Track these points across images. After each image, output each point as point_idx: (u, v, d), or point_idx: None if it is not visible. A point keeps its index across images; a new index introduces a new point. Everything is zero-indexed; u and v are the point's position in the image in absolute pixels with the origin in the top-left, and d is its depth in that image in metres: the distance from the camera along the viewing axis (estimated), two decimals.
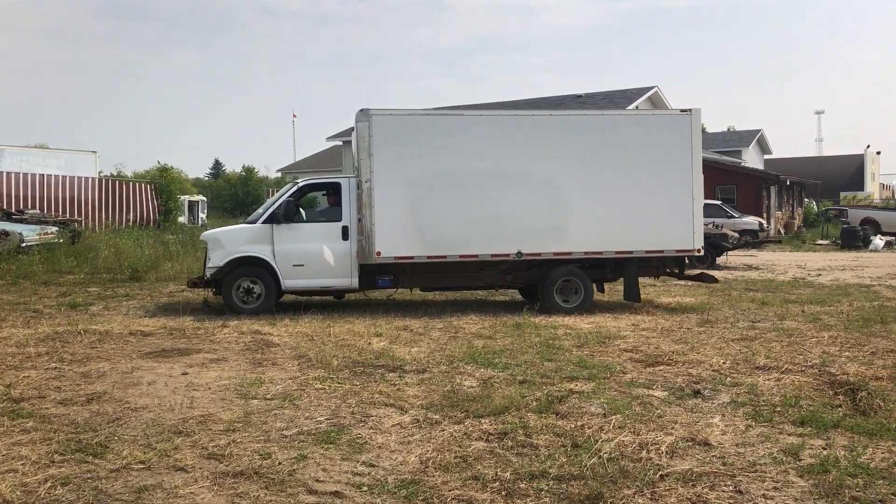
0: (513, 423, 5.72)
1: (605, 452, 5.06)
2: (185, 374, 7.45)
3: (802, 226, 39.91)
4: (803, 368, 7.61)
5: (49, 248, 18.78)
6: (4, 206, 25.61)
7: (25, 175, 28.69)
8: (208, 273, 11.53)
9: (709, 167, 37.26)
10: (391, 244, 11.36)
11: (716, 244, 20.68)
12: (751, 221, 28.93)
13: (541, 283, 11.90)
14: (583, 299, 11.86)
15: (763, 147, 58.18)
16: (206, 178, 74.36)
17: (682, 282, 13.88)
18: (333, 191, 11.90)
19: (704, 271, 13.63)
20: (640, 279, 12.64)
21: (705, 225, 23.74)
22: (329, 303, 12.62)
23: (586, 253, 11.86)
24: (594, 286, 12.47)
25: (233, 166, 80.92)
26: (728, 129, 69.25)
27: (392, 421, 5.87)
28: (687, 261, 12.98)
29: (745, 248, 24.67)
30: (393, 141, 11.44)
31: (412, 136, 11.56)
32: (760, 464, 4.95)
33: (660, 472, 4.74)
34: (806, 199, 44.93)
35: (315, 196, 12.75)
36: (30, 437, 5.43)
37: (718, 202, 29.68)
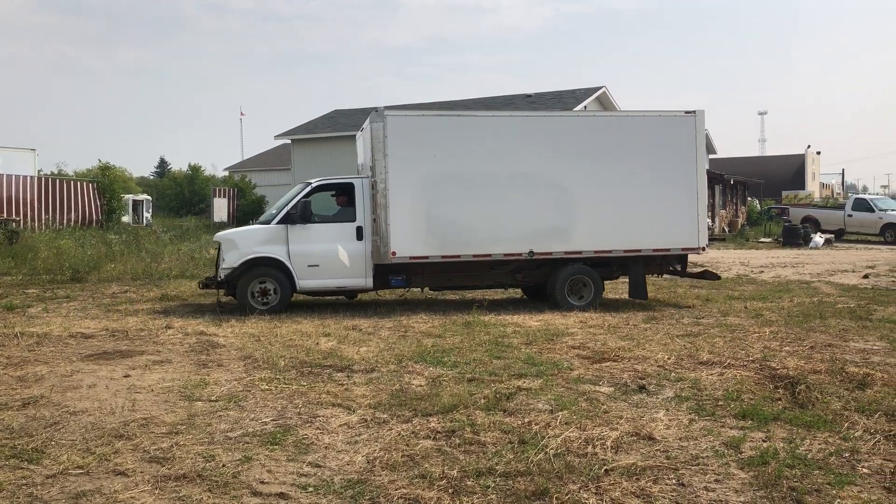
0: (461, 421, 5.73)
1: (552, 448, 5.10)
2: (127, 376, 7.27)
3: (746, 224, 40.86)
4: (745, 363, 7.77)
5: None
6: None
7: None
8: (222, 274, 11.49)
9: None
10: (406, 244, 11.47)
11: None
12: None
13: (551, 281, 12.08)
14: (593, 297, 12.09)
15: (708, 147, 59.25)
16: (152, 177, 72.91)
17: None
18: (346, 191, 11.89)
19: (707, 269, 13.93)
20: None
21: None
22: None
23: (596, 252, 12.09)
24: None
25: (179, 165, 79.59)
26: None
27: (339, 421, 5.82)
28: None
29: None
30: (407, 142, 11.56)
31: (426, 136, 11.71)
32: (703, 457, 5.04)
33: (605, 467, 4.79)
34: (749, 198, 46.00)
35: (325, 196, 12.64)
36: None
37: None
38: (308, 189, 11.77)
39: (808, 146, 68.18)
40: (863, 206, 32.00)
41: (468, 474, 4.69)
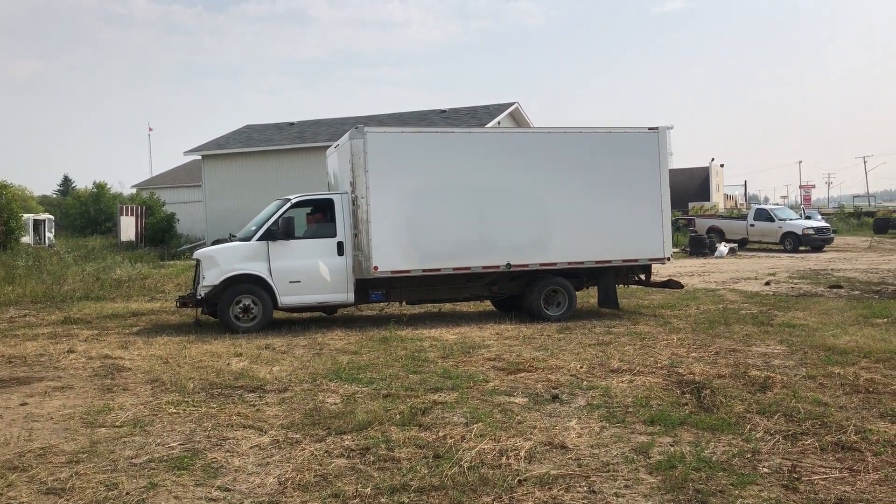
0: (375, 438, 5.68)
1: (466, 461, 5.10)
2: (23, 404, 6.92)
3: None
4: (654, 370, 7.99)
5: None
6: None
7: None
8: (202, 292, 11.29)
9: None
10: (388, 258, 11.54)
11: None
12: None
13: (527, 293, 12.28)
14: (567, 307, 12.32)
15: None
16: (55, 196, 69.95)
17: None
18: (326, 207, 11.83)
19: (672, 278, 14.26)
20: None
21: None
22: (185, 324, 12.10)
23: (569, 263, 12.40)
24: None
25: (84, 183, 76.64)
26: None
27: (250, 443, 5.68)
28: None
29: None
30: (387, 158, 11.64)
31: (405, 152, 11.87)
32: (613, 463, 5.14)
33: (518, 478, 4.83)
34: None
35: (300, 212, 12.37)
36: None
37: None
38: (288, 205, 11.72)
39: (713, 159, 70.78)
40: (764, 215, 33.37)
41: (382, 491, 4.65)
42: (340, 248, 11.64)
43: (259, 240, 11.45)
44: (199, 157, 35.72)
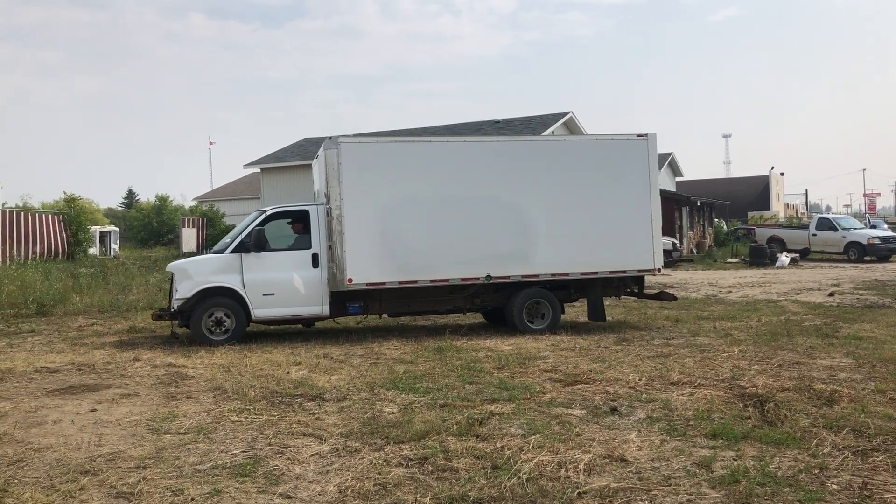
0: (433, 448, 5.70)
1: (525, 473, 5.08)
2: (93, 410, 7.14)
3: (713, 245, 41.35)
4: (715, 382, 7.84)
5: None
6: None
7: None
8: (175, 304, 11.28)
9: None
10: (363, 270, 11.39)
11: None
12: (665, 241, 29.76)
13: (509, 305, 12.08)
14: (551, 320, 12.10)
15: (674, 169, 60.17)
16: (120, 208, 72.11)
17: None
18: (301, 218, 11.74)
19: (664, 290, 14.00)
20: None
21: None
22: (247, 333, 12.33)
23: (553, 275, 12.11)
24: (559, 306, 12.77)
25: (147, 196, 78.79)
26: None
27: (310, 451, 5.76)
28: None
29: None
30: (362, 168, 11.50)
31: (380, 163, 11.66)
32: (675, 477, 5.06)
33: (577, 490, 4.79)
34: (716, 219, 46.62)
35: (280, 224, 12.46)
36: None
37: None
38: (262, 217, 11.65)
39: (772, 167, 69.38)
40: (826, 225, 32.54)
41: (441, 501, 4.66)
42: (315, 260, 11.47)
43: (232, 252, 11.33)
44: (258, 170, 36.42)
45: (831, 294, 17.28)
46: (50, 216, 32.11)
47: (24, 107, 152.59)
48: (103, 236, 38.55)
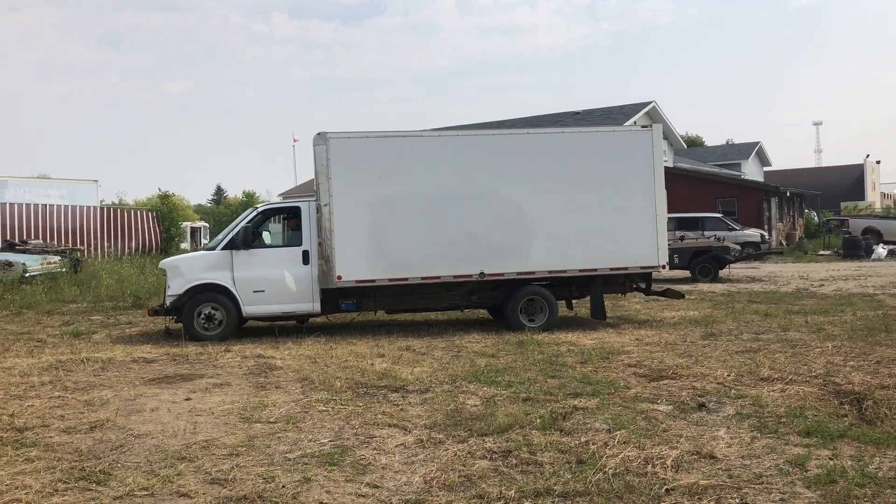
0: (517, 441, 5.70)
1: (610, 468, 5.04)
2: (188, 399, 7.43)
3: (804, 237, 39.91)
4: (808, 379, 7.58)
5: (52, 278, 18.83)
6: (8, 237, 25.69)
7: (28, 206, 28.82)
8: (168, 301, 11.45)
9: (708, 180, 37.52)
10: (352, 268, 11.27)
11: (718, 257, 20.71)
12: (752, 234, 28.94)
13: (505, 302, 11.85)
14: (548, 318, 11.76)
15: (762, 159, 58.30)
16: (209, 205, 74.56)
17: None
18: (294, 215, 11.76)
19: (670, 287, 13.47)
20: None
21: (707, 238, 23.85)
22: (331, 325, 12.61)
23: (550, 272, 11.79)
24: (565, 303, 12.66)
25: (234, 192, 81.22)
26: (727, 143, 69.48)
27: (395, 441, 5.85)
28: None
29: (748, 260, 24.68)
30: (351, 164, 11.35)
31: (370, 158, 11.44)
32: (766, 475, 4.92)
33: (665, 486, 4.71)
34: (806, 210, 44.96)
35: (279, 221, 12.62)
36: (34, 465, 5.41)
37: (719, 215, 29.71)
38: (254, 214, 11.75)
39: (867, 155, 66.43)
40: None
41: (526, 495, 4.66)
42: (306, 257, 11.40)
43: (223, 249, 11.40)
44: None
45: None
46: (144, 213, 33.51)
47: (117, 109, 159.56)
48: (194, 232, 40.01)
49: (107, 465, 5.40)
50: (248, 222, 11.55)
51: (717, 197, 34.89)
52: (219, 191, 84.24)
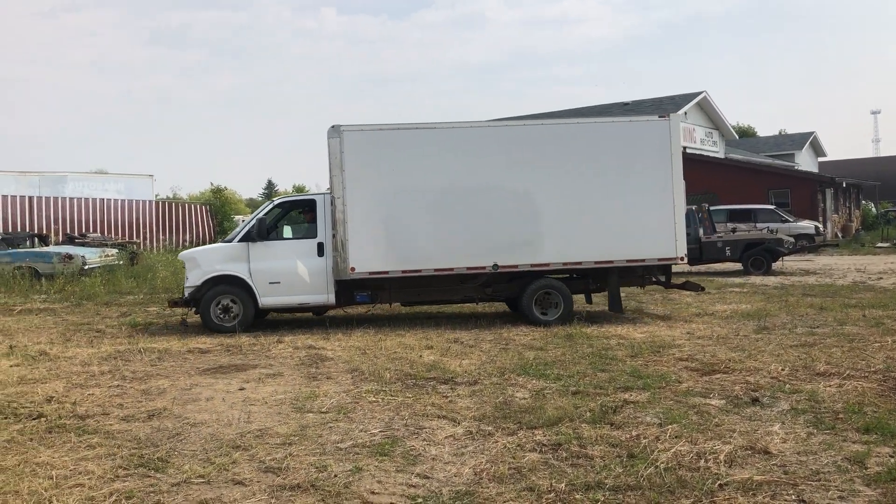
0: (567, 434, 5.69)
1: (662, 462, 4.99)
2: (242, 389, 7.58)
3: (860, 228, 38.85)
4: (866, 374, 7.40)
5: (110, 270, 19.36)
6: (68, 231, 26.48)
7: (87, 200, 29.64)
8: (186, 292, 11.69)
9: (760, 171, 36.75)
10: (365, 259, 11.33)
11: (771, 249, 20.29)
12: (806, 225, 28.27)
13: (519, 295, 11.77)
14: (562, 311, 11.62)
15: (817, 149, 56.86)
16: (260, 199, 75.67)
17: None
18: (309, 207, 11.89)
19: (689, 280, 13.21)
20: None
21: (761, 230, 23.36)
22: (379, 317, 12.71)
23: (565, 263, 11.68)
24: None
25: (285, 186, 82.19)
26: (780, 133, 67.90)
27: (445, 433, 5.88)
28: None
29: (802, 252, 24.14)
30: (364, 156, 11.40)
31: (383, 150, 11.49)
32: (824, 472, 4.82)
33: (718, 482, 4.65)
34: (863, 201, 43.72)
35: (297, 213, 12.72)
36: (95, 452, 5.59)
37: (772, 207, 29.10)
38: (269, 207, 11.94)
39: None
40: None
41: (577, 488, 4.65)
42: (321, 249, 11.47)
43: (240, 241, 11.54)
44: None
45: None
46: (198, 206, 34.18)
47: (170, 105, 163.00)
48: None
49: (164, 452, 5.55)
50: (263, 215, 11.77)
51: (770, 188, 34.15)
52: (270, 185, 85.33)
